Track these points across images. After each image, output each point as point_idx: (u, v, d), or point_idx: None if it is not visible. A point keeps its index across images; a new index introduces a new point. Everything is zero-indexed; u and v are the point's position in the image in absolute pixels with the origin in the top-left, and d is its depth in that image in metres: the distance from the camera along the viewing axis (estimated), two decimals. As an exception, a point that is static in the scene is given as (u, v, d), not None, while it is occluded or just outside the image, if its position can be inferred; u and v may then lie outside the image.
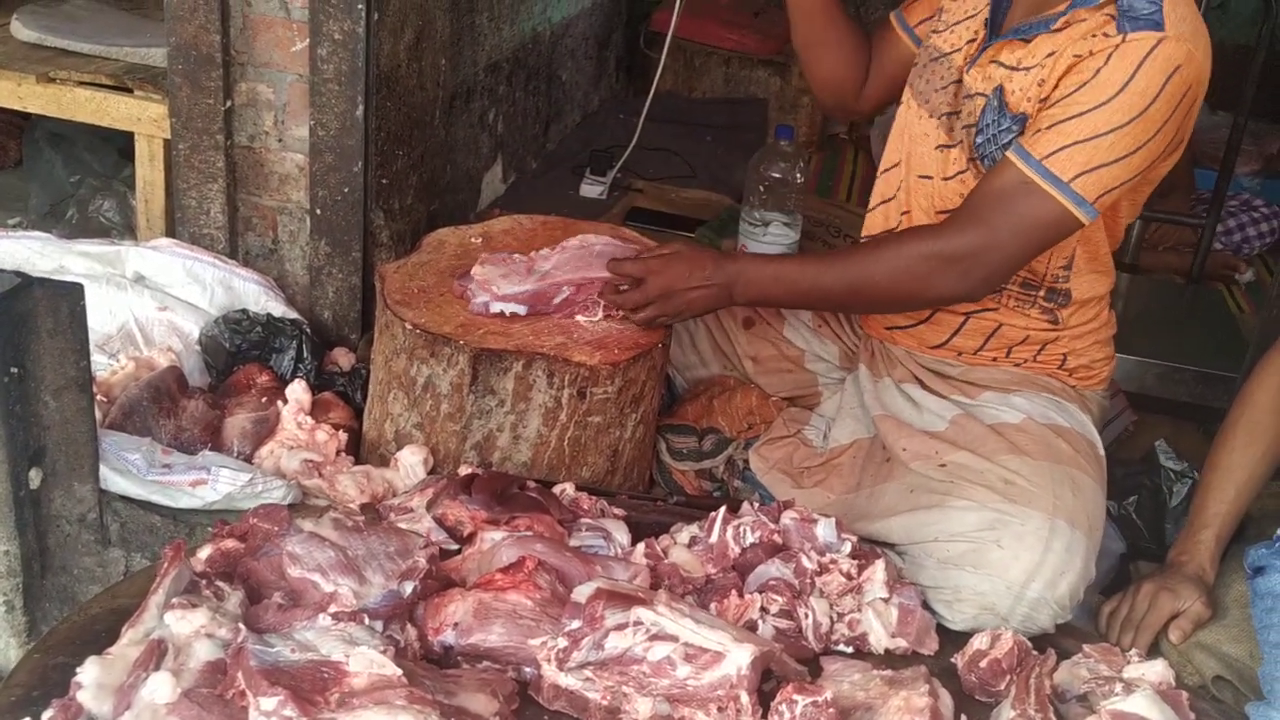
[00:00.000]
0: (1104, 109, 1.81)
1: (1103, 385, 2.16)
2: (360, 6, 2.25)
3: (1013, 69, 1.95)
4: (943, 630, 1.82)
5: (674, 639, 1.45)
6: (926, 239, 1.97)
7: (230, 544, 1.50)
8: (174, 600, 1.32)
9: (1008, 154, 1.90)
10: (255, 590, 1.45)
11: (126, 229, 3.03)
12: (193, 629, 1.29)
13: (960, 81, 2.05)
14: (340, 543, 1.48)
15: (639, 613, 1.47)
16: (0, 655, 1.99)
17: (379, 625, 1.41)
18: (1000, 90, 1.96)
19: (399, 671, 1.24)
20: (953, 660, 1.72)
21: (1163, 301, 2.99)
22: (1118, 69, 1.81)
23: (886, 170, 2.21)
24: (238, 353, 2.39)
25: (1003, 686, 1.64)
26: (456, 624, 1.50)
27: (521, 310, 2.11)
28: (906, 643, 1.75)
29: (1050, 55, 1.90)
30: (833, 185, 4.07)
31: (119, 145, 3.35)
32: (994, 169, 1.93)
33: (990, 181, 1.92)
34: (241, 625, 1.30)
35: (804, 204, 3.16)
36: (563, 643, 1.45)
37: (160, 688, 1.20)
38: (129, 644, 1.28)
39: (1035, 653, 1.68)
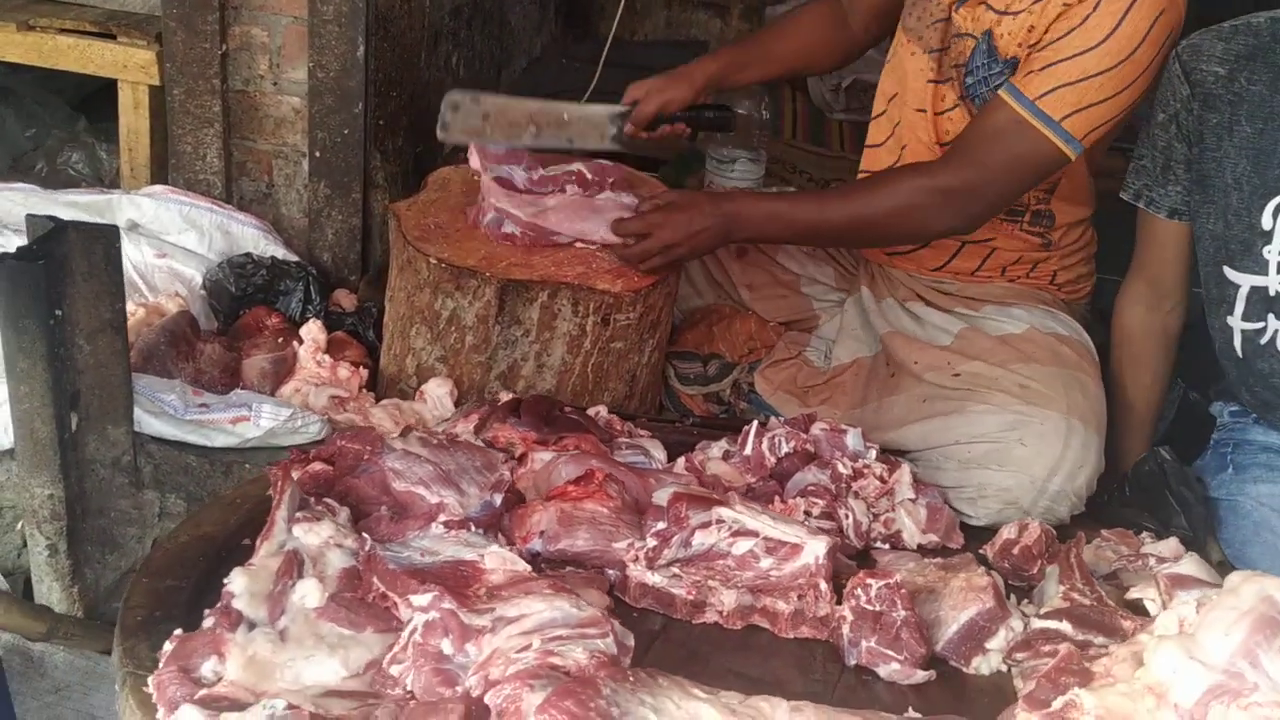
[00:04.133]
0: (1094, 53, 1.93)
1: (1086, 298, 2.31)
2: (360, -53, 2.28)
3: (1001, 13, 2.05)
4: (962, 526, 1.94)
5: (755, 534, 1.55)
6: (924, 175, 2.06)
7: (319, 466, 1.55)
8: (298, 515, 1.37)
9: (1000, 93, 2.00)
10: (354, 507, 1.51)
11: (97, 180, 2.99)
12: (322, 540, 1.34)
13: (949, 19, 2.15)
14: (433, 458, 1.54)
15: (720, 511, 1.56)
16: (44, 598, 2.01)
17: (482, 533, 1.48)
18: (989, 35, 2.06)
19: (529, 568, 1.32)
20: (981, 551, 1.84)
21: (1125, 221, 3.14)
22: (1106, 14, 1.93)
23: (883, 109, 2.30)
24: (243, 297, 2.41)
25: (1035, 570, 1.77)
26: (543, 532, 1.58)
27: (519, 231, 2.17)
28: (936, 538, 1.87)
29: (1038, 1, 2.01)
30: (779, 125, 4.16)
31: (69, 99, 3.29)
32: (987, 107, 2.04)
33: (984, 120, 2.02)
34: (365, 535, 1.36)
35: (766, 141, 3.25)
36: (652, 543, 1.54)
37: (310, 593, 1.25)
38: (266, 556, 1.33)
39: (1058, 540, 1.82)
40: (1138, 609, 1.56)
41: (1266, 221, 1.91)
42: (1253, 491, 1.99)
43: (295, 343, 2.28)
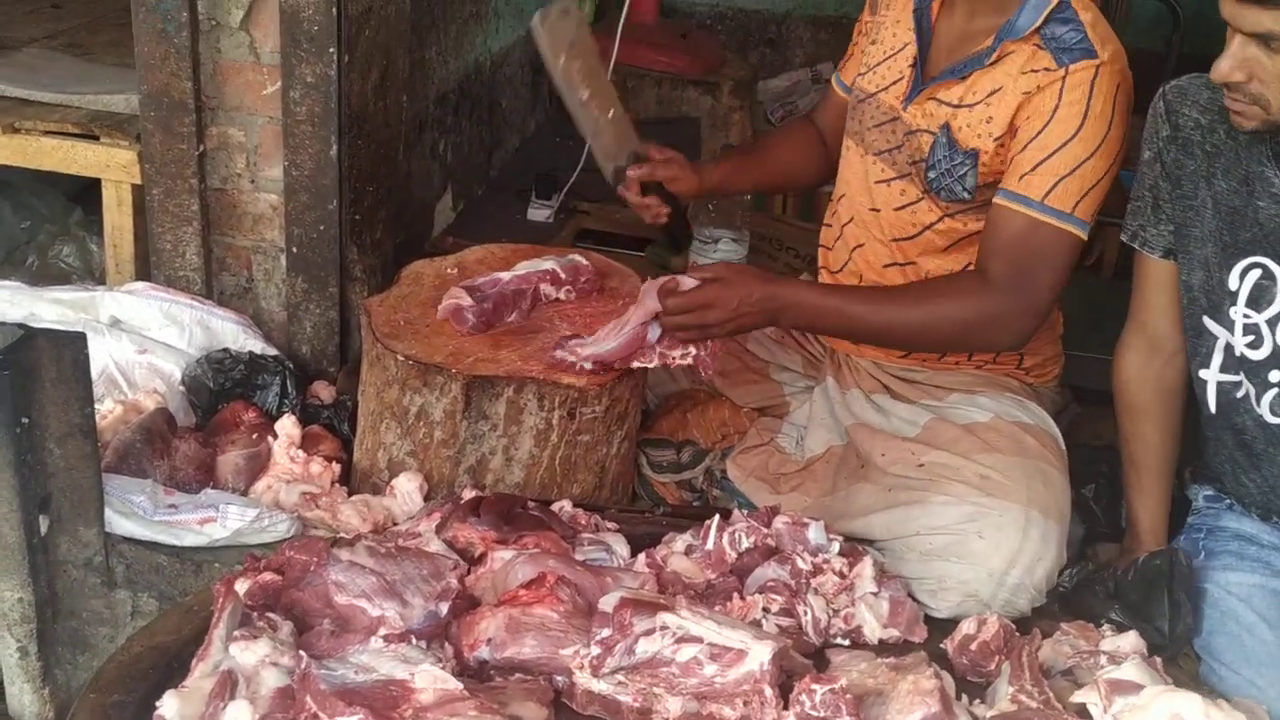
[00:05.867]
0: (1077, 140, 1.96)
1: (1055, 381, 2.32)
2: (332, 50, 2.33)
3: (955, 106, 2.08)
4: (926, 618, 1.94)
5: (699, 640, 1.55)
6: (979, 296, 2.02)
7: (268, 577, 1.57)
8: (236, 633, 1.39)
9: (1002, 204, 2.00)
10: (299, 619, 1.52)
11: (87, 273, 3.05)
12: (258, 658, 1.36)
13: (898, 118, 2.18)
14: (378, 569, 1.56)
15: (664, 618, 1.57)
16: (15, 700, 2.04)
17: (423, 645, 1.49)
18: (947, 128, 2.09)
19: (460, 685, 1.33)
20: (941, 646, 1.84)
21: (1096, 299, 3.16)
22: (1073, 102, 1.96)
23: (834, 208, 2.35)
24: (221, 391, 2.44)
25: (992, 666, 1.76)
26: (490, 639, 1.59)
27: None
28: (898, 632, 1.87)
29: (994, 93, 2.03)
30: (767, 200, 4.19)
31: (66, 190, 3.36)
32: (998, 222, 2.01)
33: (1002, 235, 2.01)
34: (302, 652, 1.37)
35: (749, 220, 3.29)
36: (596, 650, 1.55)
37: (240, 716, 1.27)
38: (201, 677, 1.34)
39: (1018, 633, 1.81)
40: (1085, 711, 1.56)
41: (1233, 282, 1.93)
42: (1222, 579, 1.98)
43: (270, 438, 2.31)
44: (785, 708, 1.55)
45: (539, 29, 2.20)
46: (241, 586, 1.58)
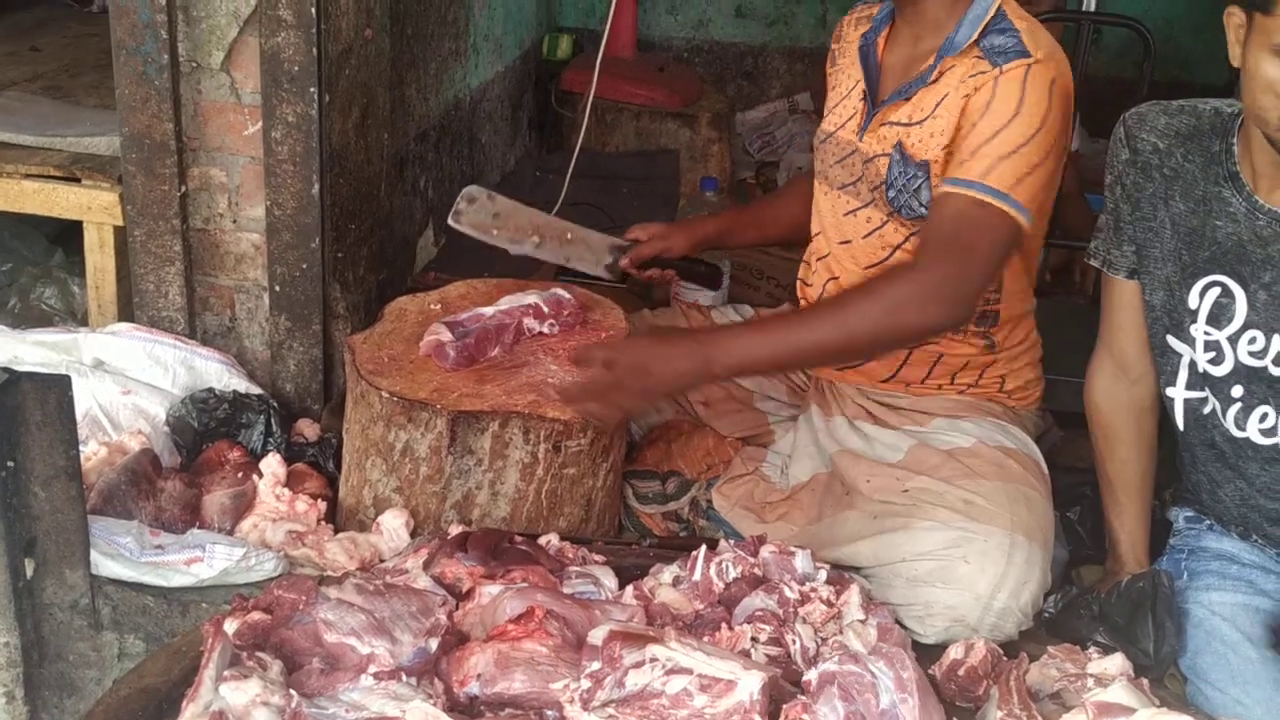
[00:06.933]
0: (1012, 126, 1.99)
1: (1036, 404, 2.34)
2: (312, 90, 2.34)
3: (906, 125, 2.13)
4: (913, 644, 1.95)
5: (689, 671, 1.56)
6: (906, 280, 1.98)
7: (257, 616, 1.57)
8: (226, 673, 1.39)
9: (944, 189, 2.02)
10: (289, 658, 1.52)
11: (69, 315, 3.05)
12: (249, 698, 1.36)
13: (855, 150, 2.22)
14: (367, 606, 1.56)
15: (654, 650, 1.57)
16: (2, 745, 2.02)
17: (414, 681, 1.49)
18: (900, 145, 2.13)
19: (450, 721, 1.33)
20: (930, 671, 1.84)
21: (1072, 322, 3.19)
22: (1007, 93, 2.01)
23: (811, 246, 2.40)
24: (206, 431, 2.44)
25: (981, 691, 1.77)
26: (480, 675, 1.59)
27: None
28: (886, 659, 1.88)
29: (939, 104, 2.08)
30: (747, 229, 4.21)
31: (47, 232, 3.36)
32: (937, 205, 2.04)
33: (942, 215, 2.01)
34: (293, 691, 1.37)
35: (728, 251, 3.31)
36: (586, 684, 1.55)
37: (231, 756, 1.27)
38: (192, 717, 1.34)
39: (1005, 657, 1.82)
40: (1073, 734, 1.57)
41: (1193, 300, 1.97)
42: (1205, 599, 2.00)
43: (256, 476, 2.31)
44: (775, 737, 1.56)
45: (458, 225, 2.25)
46: (230, 626, 1.58)
